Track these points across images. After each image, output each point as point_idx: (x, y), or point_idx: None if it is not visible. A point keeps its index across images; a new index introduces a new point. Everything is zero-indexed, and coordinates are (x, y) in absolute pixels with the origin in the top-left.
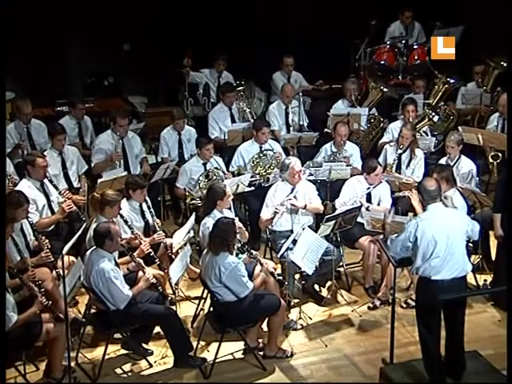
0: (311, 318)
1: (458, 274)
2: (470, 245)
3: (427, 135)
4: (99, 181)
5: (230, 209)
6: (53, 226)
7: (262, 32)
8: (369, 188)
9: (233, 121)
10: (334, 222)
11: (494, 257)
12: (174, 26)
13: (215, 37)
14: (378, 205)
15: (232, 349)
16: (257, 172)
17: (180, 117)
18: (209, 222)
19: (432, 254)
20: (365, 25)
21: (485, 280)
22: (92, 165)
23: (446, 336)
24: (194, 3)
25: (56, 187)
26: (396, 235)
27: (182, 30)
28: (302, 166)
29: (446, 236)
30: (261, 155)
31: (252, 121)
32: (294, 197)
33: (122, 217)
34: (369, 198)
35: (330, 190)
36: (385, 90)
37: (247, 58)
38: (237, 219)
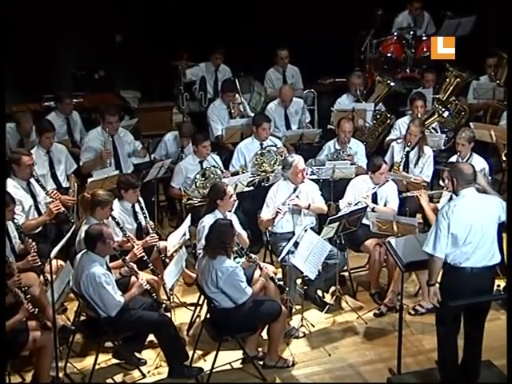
0: (314, 326)
1: (488, 263)
2: None
3: (437, 132)
4: (89, 180)
5: (230, 211)
6: (40, 228)
7: (262, 24)
8: (374, 187)
9: (231, 118)
10: (337, 223)
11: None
12: (169, 17)
13: (213, 29)
14: (385, 205)
15: (230, 358)
16: (262, 170)
17: (187, 135)
18: (206, 221)
19: (465, 240)
20: (371, 15)
21: (498, 285)
22: (80, 163)
23: (464, 341)
24: None
25: (43, 187)
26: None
27: (179, 21)
28: (304, 164)
29: (480, 222)
30: (264, 152)
31: (250, 116)
32: (297, 196)
33: (113, 218)
34: (374, 199)
35: (333, 189)
36: (392, 84)
37: (246, 51)
38: (237, 223)
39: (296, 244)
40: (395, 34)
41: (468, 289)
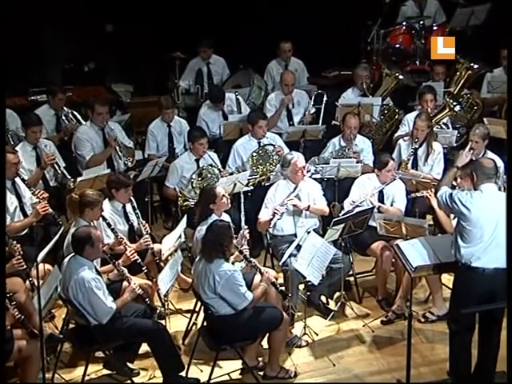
0: (317, 334)
1: (501, 265)
2: None
3: (448, 128)
4: (78, 179)
5: (228, 212)
6: (26, 230)
7: (263, 13)
8: (380, 186)
9: (225, 118)
10: (342, 225)
11: None
12: (163, 4)
13: (211, 20)
14: (391, 205)
15: (228, 368)
16: (258, 171)
17: (168, 106)
18: (204, 229)
19: (476, 236)
20: (378, 3)
21: None
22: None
23: (478, 349)
24: None
25: (29, 187)
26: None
27: (173, 10)
28: (307, 162)
29: (494, 220)
30: (260, 152)
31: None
32: (297, 196)
33: (104, 219)
34: (381, 198)
35: (338, 189)
36: (400, 77)
37: (246, 42)
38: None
39: (298, 247)
40: (404, 23)
41: (479, 291)
